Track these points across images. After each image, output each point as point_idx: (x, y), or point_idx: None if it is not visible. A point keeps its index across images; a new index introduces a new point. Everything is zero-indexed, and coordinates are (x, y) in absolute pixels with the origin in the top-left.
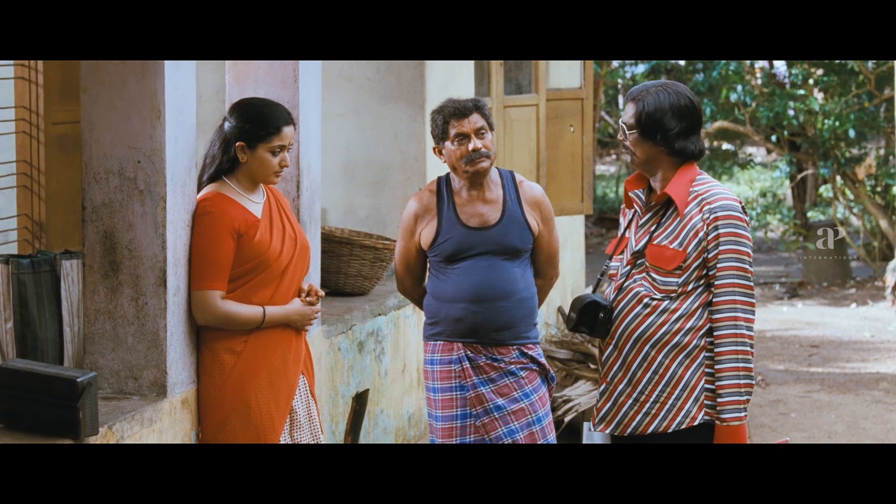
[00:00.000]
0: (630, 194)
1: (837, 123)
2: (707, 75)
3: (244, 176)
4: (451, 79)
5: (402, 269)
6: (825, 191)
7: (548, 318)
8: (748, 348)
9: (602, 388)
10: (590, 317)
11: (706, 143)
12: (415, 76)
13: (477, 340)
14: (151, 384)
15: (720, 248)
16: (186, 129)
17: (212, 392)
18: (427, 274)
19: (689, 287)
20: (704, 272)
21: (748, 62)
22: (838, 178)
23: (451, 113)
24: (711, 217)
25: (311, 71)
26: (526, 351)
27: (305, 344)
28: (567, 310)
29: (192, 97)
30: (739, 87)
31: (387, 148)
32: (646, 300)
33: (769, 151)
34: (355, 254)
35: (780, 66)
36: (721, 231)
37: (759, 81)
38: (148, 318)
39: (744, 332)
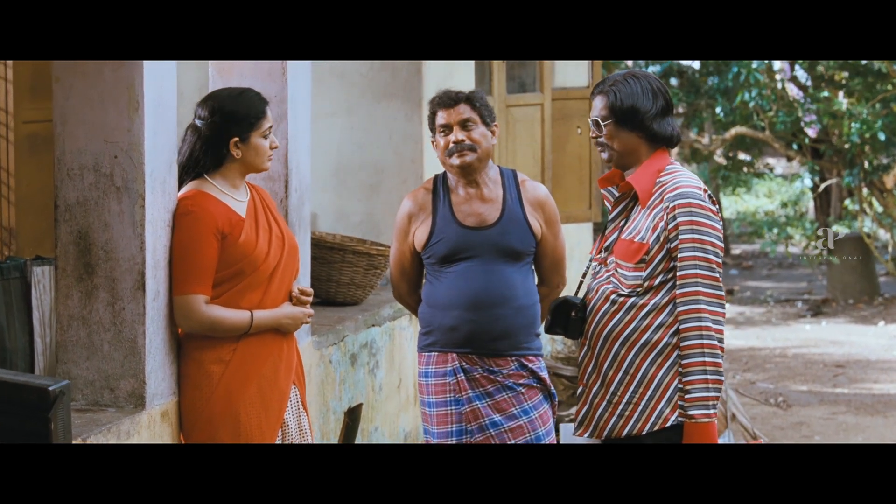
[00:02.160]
0: (603, 192)
1: (864, 128)
2: (723, 78)
3: (233, 171)
4: (451, 75)
5: (397, 273)
6: (851, 203)
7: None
8: (715, 342)
9: (579, 390)
10: (562, 316)
11: (721, 151)
12: (411, 72)
13: (472, 351)
14: (129, 395)
15: (679, 237)
16: (167, 123)
17: (198, 405)
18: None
19: (657, 281)
20: (672, 265)
21: (766, 64)
22: (864, 187)
23: (438, 102)
24: (670, 206)
25: (300, 64)
26: (526, 363)
27: (297, 352)
28: None
29: (172, 88)
30: (755, 91)
31: (381, 149)
32: (613, 297)
33: (790, 160)
34: (347, 260)
35: (799, 69)
36: (680, 220)
37: (780, 85)
38: (125, 325)
39: (709, 325)
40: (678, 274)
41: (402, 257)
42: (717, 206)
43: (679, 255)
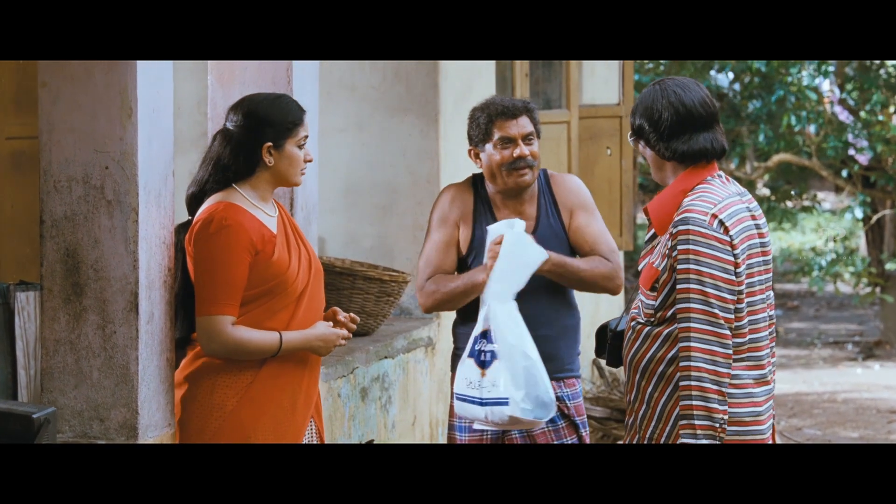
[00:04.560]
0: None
1: None
2: (766, 100)
3: (263, 182)
4: (469, 88)
5: (430, 270)
6: None
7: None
8: (706, 384)
9: (629, 420)
10: (601, 342)
11: (765, 181)
12: (427, 85)
13: None
14: (120, 426)
15: (678, 267)
16: (162, 131)
17: (206, 434)
18: None
19: (669, 312)
20: None
21: (813, 86)
22: None
23: (499, 112)
24: (673, 232)
25: (306, 72)
26: (565, 388)
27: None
28: (603, 363)
29: (168, 93)
30: (803, 114)
31: (394, 168)
32: (633, 324)
33: (839, 190)
34: (358, 287)
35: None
36: (679, 248)
37: (829, 108)
38: (117, 350)
39: (700, 364)
40: (676, 307)
41: (441, 247)
42: (731, 234)
43: (677, 287)
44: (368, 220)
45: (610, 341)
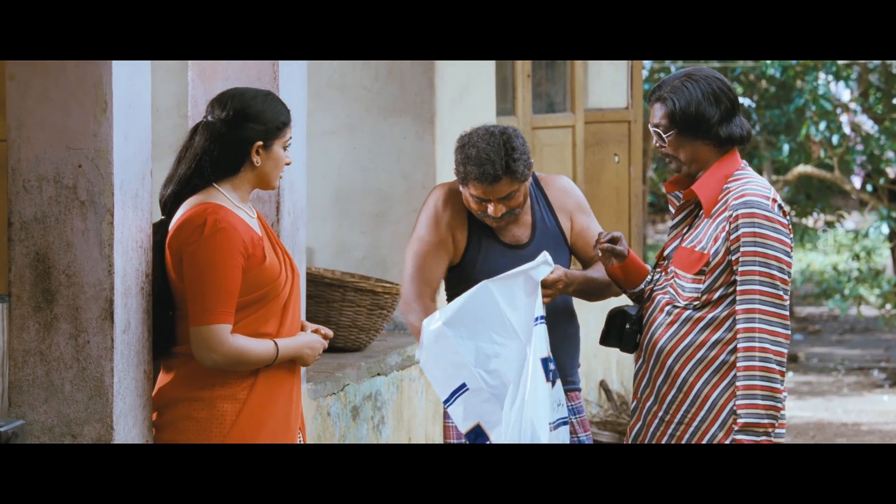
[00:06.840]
0: (669, 196)
1: None
2: (783, 110)
3: (245, 183)
4: (467, 89)
5: (420, 276)
6: None
7: (587, 394)
8: (772, 365)
9: (633, 405)
10: (617, 328)
11: (786, 192)
12: (422, 85)
13: None
14: (94, 442)
15: (741, 249)
16: (139, 127)
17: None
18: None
19: (716, 295)
20: (733, 279)
21: (830, 95)
22: None
23: (474, 177)
24: (734, 215)
25: (294, 70)
26: (568, 402)
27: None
28: (611, 384)
29: (145, 87)
30: (823, 124)
31: (388, 173)
32: (668, 308)
33: (862, 206)
34: (349, 299)
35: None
36: (742, 231)
37: (852, 117)
38: (90, 361)
39: (766, 346)
40: (738, 289)
41: (432, 251)
42: (788, 218)
43: (740, 269)
44: (360, 229)
45: (630, 327)
